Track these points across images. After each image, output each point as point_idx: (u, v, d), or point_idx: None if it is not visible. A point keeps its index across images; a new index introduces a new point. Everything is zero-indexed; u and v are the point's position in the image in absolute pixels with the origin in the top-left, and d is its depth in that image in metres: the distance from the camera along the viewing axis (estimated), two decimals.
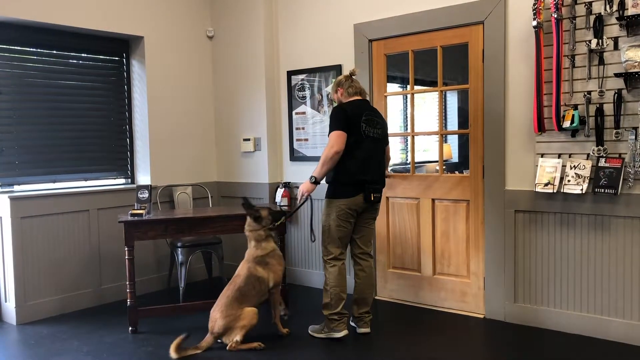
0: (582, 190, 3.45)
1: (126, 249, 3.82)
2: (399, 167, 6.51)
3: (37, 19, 4.20)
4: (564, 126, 3.48)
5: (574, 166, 3.50)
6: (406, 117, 6.28)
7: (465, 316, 4.07)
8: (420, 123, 6.37)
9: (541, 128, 3.54)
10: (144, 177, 5.00)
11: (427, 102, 6.64)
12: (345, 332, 3.60)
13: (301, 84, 4.93)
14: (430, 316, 4.11)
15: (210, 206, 5.20)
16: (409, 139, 4.39)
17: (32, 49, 4.41)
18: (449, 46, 4.11)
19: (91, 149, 4.78)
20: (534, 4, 3.48)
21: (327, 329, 3.62)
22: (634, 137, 3.28)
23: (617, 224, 3.44)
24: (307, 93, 4.90)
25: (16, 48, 4.35)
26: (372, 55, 4.45)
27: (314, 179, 3.51)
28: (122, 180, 5.03)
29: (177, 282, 4.61)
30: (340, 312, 3.58)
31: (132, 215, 3.85)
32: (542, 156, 3.65)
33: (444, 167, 4.45)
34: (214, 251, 4.78)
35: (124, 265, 3.92)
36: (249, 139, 5.15)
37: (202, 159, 5.39)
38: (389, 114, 4.49)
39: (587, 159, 3.48)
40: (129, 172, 5.07)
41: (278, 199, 4.93)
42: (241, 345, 3.46)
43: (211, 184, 5.38)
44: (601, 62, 3.39)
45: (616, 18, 3.29)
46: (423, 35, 4.18)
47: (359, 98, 3.65)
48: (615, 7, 3.30)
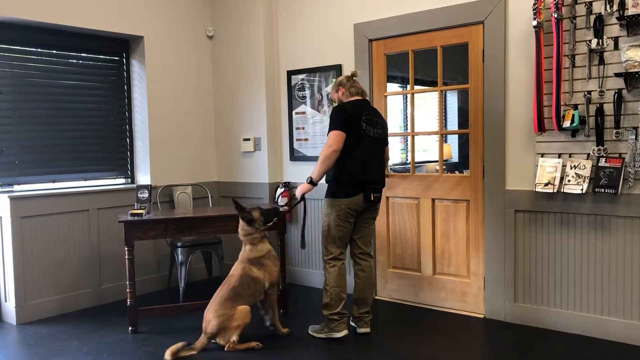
0: (582, 190, 3.45)
1: (126, 248, 3.82)
2: (399, 167, 6.50)
3: (37, 18, 4.20)
4: (564, 126, 3.48)
5: (574, 166, 3.50)
6: (406, 117, 6.28)
7: (465, 316, 4.07)
8: (421, 123, 6.37)
9: (541, 128, 3.54)
10: (143, 177, 5.00)
11: (427, 102, 6.63)
12: (345, 332, 3.60)
13: (301, 83, 4.93)
14: (430, 316, 4.11)
15: (210, 206, 5.20)
16: (409, 138, 4.39)
17: (32, 49, 4.41)
18: (449, 46, 4.11)
19: (91, 148, 4.78)
20: (534, 4, 3.48)
21: (327, 329, 3.62)
22: (634, 136, 3.28)
23: (617, 224, 3.44)
24: (307, 93, 4.90)
25: (16, 48, 4.34)
26: (372, 55, 4.45)
27: (310, 179, 3.51)
28: (122, 180, 5.03)
29: (177, 282, 4.61)
30: (340, 312, 3.58)
31: (132, 215, 3.85)
32: (542, 156, 3.64)
33: (444, 167, 4.45)
34: (214, 251, 4.78)
35: (124, 265, 3.92)
36: (249, 139, 5.14)
37: (202, 158, 5.39)
38: (389, 114, 4.49)
39: (587, 158, 3.48)
40: (128, 172, 5.07)
41: (278, 198, 4.92)
42: (239, 345, 3.45)
43: (211, 184, 5.38)
44: (601, 61, 3.39)
45: (616, 18, 3.29)
46: (423, 35, 4.19)
47: (359, 98, 3.66)
48: (615, 7, 3.30)
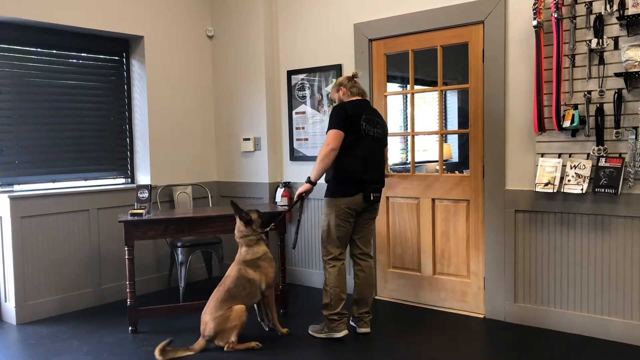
0: (582, 190, 3.45)
1: (126, 248, 3.82)
2: (399, 166, 6.50)
3: (37, 18, 4.20)
4: (564, 126, 3.48)
5: (574, 166, 3.49)
6: (406, 116, 6.28)
7: (465, 316, 4.07)
8: (421, 123, 6.36)
9: (541, 128, 3.54)
10: (143, 177, 5.00)
11: (427, 102, 6.63)
12: (345, 332, 3.60)
13: (301, 83, 4.93)
14: (430, 316, 4.11)
15: (210, 206, 5.19)
16: (409, 138, 4.39)
17: (32, 49, 4.41)
18: (449, 46, 4.11)
19: (91, 148, 4.78)
20: (534, 4, 3.47)
21: (327, 329, 3.62)
22: (634, 136, 3.28)
23: (617, 224, 3.44)
24: (307, 93, 4.90)
25: (16, 48, 4.34)
26: (372, 55, 4.45)
27: (308, 179, 3.52)
28: (122, 180, 5.03)
29: (177, 282, 4.61)
30: (340, 312, 3.58)
31: (132, 215, 3.85)
32: (542, 156, 3.64)
33: (444, 166, 4.45)
34: (214, 251, 4.78)
35: (123, 265, 3.92)
36: (249, 139, 5.14)
37: (202, 158, 5.39)
38: (389, 114, 4.49)
39: (587, 158, 3.48)
40: (128, 171, 5.07)
41: (278, 198, 4.93)
42: (238, 346, 3.45)
43: (211, 184, 5.38)
44: (601, 61, 3.39)
45: (616, 18, 3.28)
46: (423, 35, 4.18)
47: (360, 98, 3.66)
48: (615, 7, 3.29)
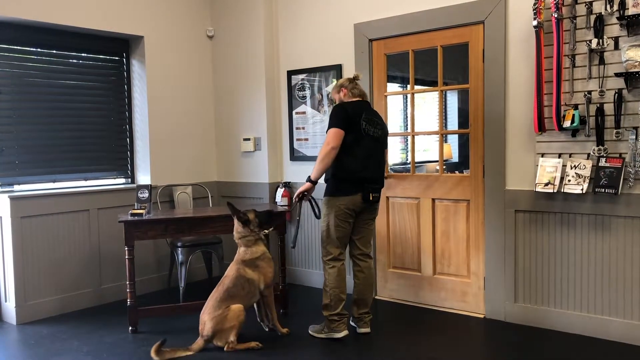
0: (582, 190, 3.45)
1: (126, 248, 3.82)
2: (399, 167, 6.50)
3: (37, 18, 4.20)
4: (564, 126, 3.47)
5: (575, 166, 3.49)
6: (406, 116, 6.28)
7: (465, 316, 4.06)
8: (421, 123, 6.35)
9: (541, 128, 3.54)
10: (144, 177, 5.00)
11: (427, 102, 6.63)
12: (345, 332, 3.60)
13: (301, 83, 4.93)
14: (430, 316, 4.11)
15: (211, 206, 5.19)
16: (409, 138, 4.39)
17: (32, 49, 4.41)
18: (449, 46, 4.11)
19: (91, 148, 4.77)
20: (535, 4, 3.47)
21: (327, 329, 3.62)
22: (634, 136, 3.28)
23: (617, 224, 3.44)
24: (307, 93, 4.90)
25: (16, 48, 4.34)
26: (372, 55, 4.45)
27: (308, 178, 3.53)
28: (122, 180, 5.03)
29: (177, 282, 4.61)
30: (340, 312, 3.58)
31: (132, 215, 3.85)
32: (542, 156, 3.64)
33: (444, 167, 4.45)
34: (214, 251, 4.77)
35: (124, 265, 3.92)
36: (249, 139, 5.14)
37: (202, 158, 5.39)
38: (389, 114, 4.49)
39: (588, 158, 3.48)
40: (129, 171, 5.07)
41: (278, 199, 4.93)
42: (238, 345, 3.45)
43: (211, 184, 5.38)
44: (601, 61, 3.39)
45: (617, 18, 3.28)
46: (423, 35, 4.18)
47: (360, 99, 3.67)
48: (615, 7, 3.29)
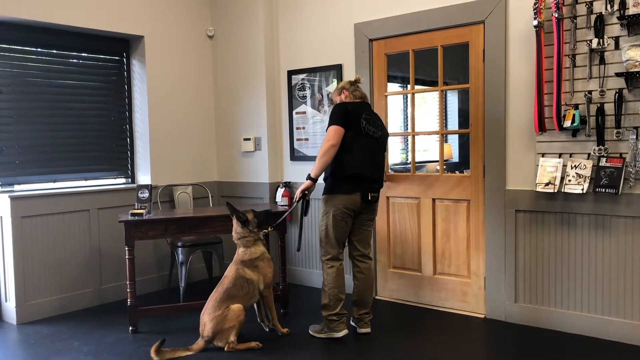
0: (582, 190, 3.45)
1: (126, 248, 3.82)
2: (399, 167, 6.50)
3: (37, 18, 4.20)
4: (564, 126, 3.47)
5: (575, 166, 3.49)
6: (406, 116, 6.28)
7: (465, 316, 4.06)
8: (421, 123, 6.35)
9: (542, 128, 3.54)
10: (144, 177, 5.00)
11: (427, 102, 6.63)
12: (345, 331, 3.60)
13: (301, 83, 4.93)
14: (430, 316, 4.11)
15: (211, 206, 5.19)
16: (410, 138, 4.39)
17: (32, 49, 4.41)
18: (450, 46, 4.11)
19: (91, 148, 4.77)
20: (535, 4, 3.47)
21: (327, 329, 3.62)
22: (634, 136, 3.28)
23: (617, 224, 3.44)
24: (308, 92, 4.90)
25: (17, 47, 4.34)
26: (372, 54, 4.45)
27: (308, 176, 3.53)
28: (123, 180, 5.03)
29: (178, 282, 4.61)
30: (338, 312, 3.58)
31: (133, 214, 3.85)
32: (542, 156, 3.64)
33: (444, 167, 4.45)
34: (215, 251, 4.77)
35: (124, 265, 3.92)
36: (249, 139, 5.14)
37: (203, 158, 5.39)
38: (389, 114, 4.48)
39: (588, 158, 3.47)
40: (129, 171, 5.07)
41: (278, 198, 4.93)
42: (238, 346, 3.45)
43: (211, 184, 5.38)
44: (602, 61, 3.39)
45: (617, 17, 3.28)
46: (423, 35, 4.18)
47: (361, 101, 3.68)
48: (616, 7, 3.29)
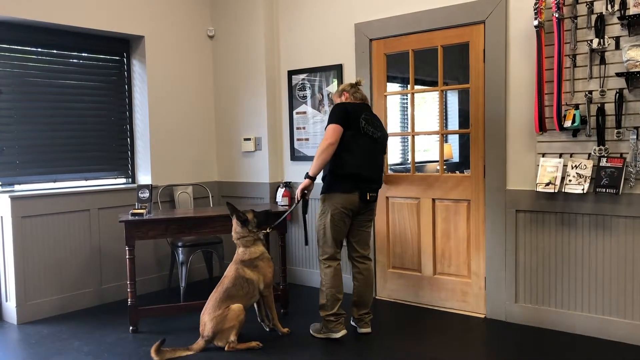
0: (583, 190, 3.45)
1: (127, 248, 3.82)
2: (399, 167, 6.50)
3: (37, 18, 4.20)
4: (565, 126, 3.47)
5: (575, 166, 3.49)
6: (406, 117, 6.28)
7: (466, 316, 4.06)
8: (421, 123, 6.35)
9: (542, 128, 3.54)
10: (144, 177, 5.00)
11: (428, 102, 6.63)
12: (343, 332, 3.59)
13: (302, 83, 4.93)
14: (430, 316, 4.11)
15: (211, 206, 5.19)
16: (409, 138, 4.38)
17: (32, 49, 4.41)
18: (450, 46, 4.10)
19: (92, 148, 4.77)
20: (535, 4, 3.47)
21: (325, 330, 3.61)
22: (635, 136, 3.28)
23: (618, 224, 3.44)
24: (308, 92, 4.90)
25: (17, 47, 4.34)
26: (372, 54, 4.44)
27: (306, 174, 3.53)
28: (123, 180, 5.03)
29: (178, 282, 4.61)
30: (336, 312, 3.57)
31: (133, 214, 3.85)
32: (543, 156, 3.64)
33: (445, 167, 4.45)
34: (215, 251, 4.77)
35: (124, 265, 3.92)
36: (249, 139, 5.14)
37: (203, 158, 5.39)
38: (388, 114, 4.48)
39: (589, 158, 3.47)
40: (129, 171, 5.07)
41: (279, 198, 4.93)
42: (238, 345, 3.45)
43: (212, 184, 5.38)
44: (602, 61, 3.38)
45: (618, 17, 3.28)
46: (423, 35, 4.17)
47: (362, 103, 3.69)
48: (616, 7, 3.29)
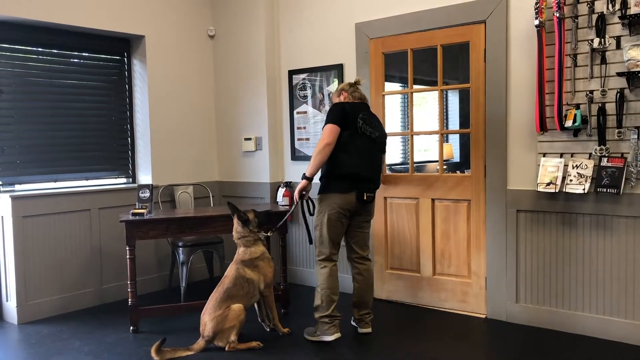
0: (584, 189, 3.44)
1: (127, 248, 3.82)
2: (399, 167, 6.49)
3: (38, 18, 4.20)
4: (566, 125, 3.47)
5: (576, 166, 3.49)
6: (406, 116, 6.28)
7: (466, 316, 4.06)
8: (422, 122, 6.34)
9: (543, 127, 3.53)
10: (145, 177, 5.00)
11: (428, 102, 6.62)
12: (336, 335, 3.51)
13: (302, 83, 4.93)
14: (431, 316, 4.10)
15: (212, 205, 5.19)
16: (408, 138, 4.37)
17: (33, 48, 4.41)
18: (450, 45, 4.09)
19: (92, 148, 4.78)
20: (536, 3, 3.47)
21: (319, 332, 3.55)
22: (636, 136, 3.27)
23: (619, 224, 3.43)
24: (309, 92, 4.90)
25: (18, 47, 4.34)
26: (369, 53, 4.42)
27: (303, 175, 3.52)
28: (124, 180, 5.03)
29: (179, 282, 4.61)
30: (330, 314, 3.50)
31: (134, 214, 3.85)
32: (544, 156, 3.64)
33: (445, 167, 4.44)
34: (215, 251, 4.77)
35: (125, 265, 3.92)
36: (250, 139, 5.14)
37: (203, 158, 5.39)
38: (388, 114, 4.46)
39: (589, 158, 3.47)
40: (130, 171, 5.07)
41: (279, 198, 4.92)
42: (239, 345, 3.45)
43: (212, 184, 5.38)
44: (603, 61, 3.38)
45: (618, 17, 3.27)
46: (422, 34, 4.14)
47: (360, 102, 3.68)
48: (617, 6, 3.29)
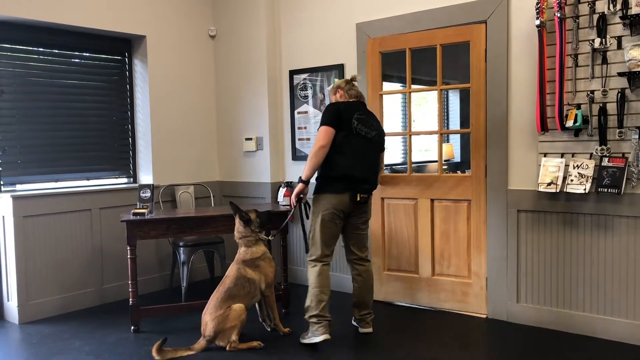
0: (585, 189, 3.44)
1: (128, 248, 3.82)
2: (399, 167, 6.49)
3: (39, 18, 4.20)
4: (567, 125, 3.47)
5: (577, 166, 3.49)
6: (405, 116, 6.28)
7: (467, 316, 4.05)
8: (422, 122, 6.36)
9: (544, 127, 3.53)
10: (146, 177, 5.00)
11: (429, 102, 6.62)
12: (324, 336, 3.40)
13: (303, 83, 4.93)
14: (431, 317, 4.10)
15: (213, 205, 5.20)
16: (407, 138, 4.37)
17: (34, 48, 4.42)
18: (451, 45, 4.08)
19: (93, 148, 4.78)
20: (537, 3, 3.46)
21: (310, 334, 3.49)
22: (637, 136, 3.27)
23: (620, 224, 3.43)
24: (309, 92, 4.90)
25: (19, 47, 4.35)
26: (366, 53, 4.40)
27: (299, 179, 3.51)
28: (124, 180, 5.03)
29: (179, 282, 4.61)
30: (319, 314, 3.42)
31: (134, 214, 3.85)
32: (545, 156, 3.63)
33: (446, 167, 4.44)
34: (216, 250, 4.78)
35: (126, 265, 3.92)
36: (251, 139, 5.14)
37: (204, 158, 5.39)
38: (386, 114, 4.45)
39: (590, 158, 3.47)
40: (131, 171, 5.07)
41: (280, 198, 4.92)
42: (240, 345, 3.45)
43: (213, 184, 5.38)
44: (604, 61, 3.38)
45: (620, 17, 3.27)
46: (421, 33, 4.13)
47: (356, 101, 3.65)
48: (618, 6, 3.28)
